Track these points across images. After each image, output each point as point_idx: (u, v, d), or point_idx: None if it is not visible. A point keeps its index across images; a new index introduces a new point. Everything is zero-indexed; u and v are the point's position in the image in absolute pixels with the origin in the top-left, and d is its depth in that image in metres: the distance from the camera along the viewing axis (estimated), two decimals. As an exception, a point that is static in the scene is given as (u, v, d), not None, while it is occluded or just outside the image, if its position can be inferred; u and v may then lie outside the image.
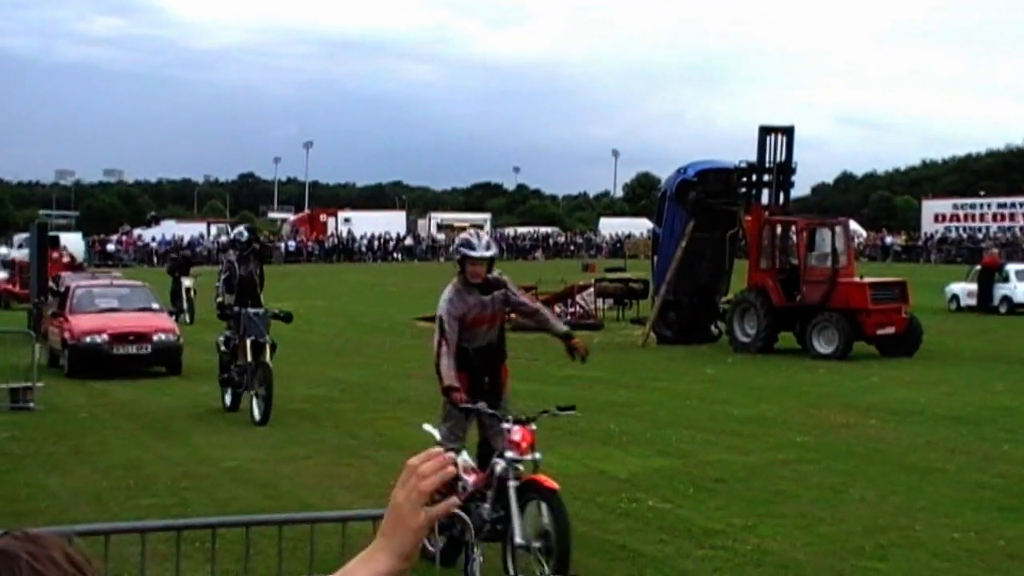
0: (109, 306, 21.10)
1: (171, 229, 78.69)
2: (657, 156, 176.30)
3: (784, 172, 25.02)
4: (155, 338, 20.16)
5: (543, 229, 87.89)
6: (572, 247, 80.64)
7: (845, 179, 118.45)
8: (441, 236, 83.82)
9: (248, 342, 15.00)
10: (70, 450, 13.12)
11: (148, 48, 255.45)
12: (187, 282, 30.94)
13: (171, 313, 24.80)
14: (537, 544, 7.59)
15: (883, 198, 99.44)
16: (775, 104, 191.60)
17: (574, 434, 13.20)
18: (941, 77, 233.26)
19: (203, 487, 11.23)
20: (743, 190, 25.34)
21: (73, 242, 47.29)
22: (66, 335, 20.09)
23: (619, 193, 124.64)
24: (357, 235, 78.43)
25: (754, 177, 25.11)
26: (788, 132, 25.15)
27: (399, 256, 76.36)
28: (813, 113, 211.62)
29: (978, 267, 36.09)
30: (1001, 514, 9.88)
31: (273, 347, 15.22)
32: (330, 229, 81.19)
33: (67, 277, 24.28)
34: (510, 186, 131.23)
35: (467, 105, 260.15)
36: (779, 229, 24.50)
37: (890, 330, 22.64)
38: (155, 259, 68.54)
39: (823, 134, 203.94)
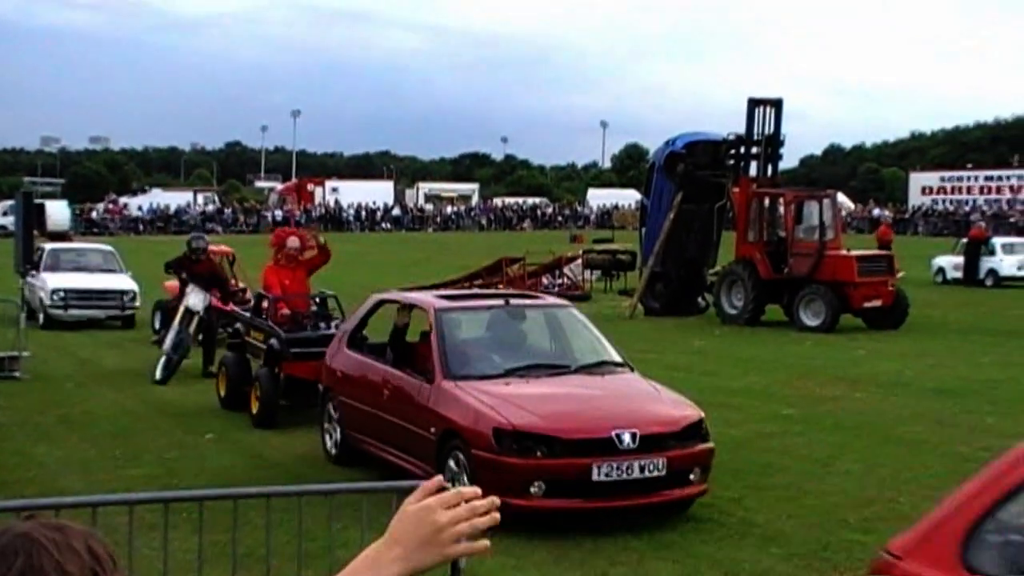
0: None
1: (158, 198, 78.27)
2: (646, 127, 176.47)
3: (772, 144, 25.02)
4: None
5: (531, 200, 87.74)
6: (560, 218, 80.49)
7: (833, 151, 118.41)
8: (429, 206, 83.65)
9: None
10: (57, 419, 13.10)
11: (132, 12, 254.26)
12: (191, 299, 16.14)
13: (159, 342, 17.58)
14: None
15: (871, 170, 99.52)
16: (764, 75, 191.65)
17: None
18: (931, 49, 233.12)
19: (191, 456, 11.25)
20: (731, 162, 25.34)
21: (58, 209, 46.93)
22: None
23: (607, 164, 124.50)
24: (344, 205, 78.20)
25: (742, 149, 25.12)
26: (777, 104, 25.14)
27: (387, 226, 76.22)
28: (802, 84, 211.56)
29: (965, 240, 36.18)
30: (985, 487, 9.94)
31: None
32: (317, 198, 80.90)
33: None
34: (498, 156, 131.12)
35: (455, 74, 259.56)
36: (767, 201, 24.52)
37: (877, 303, 22.71)
38: (141, 227, 68.29)
39: (812, 105, 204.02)
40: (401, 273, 31.93)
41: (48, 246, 24.73)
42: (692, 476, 8.85)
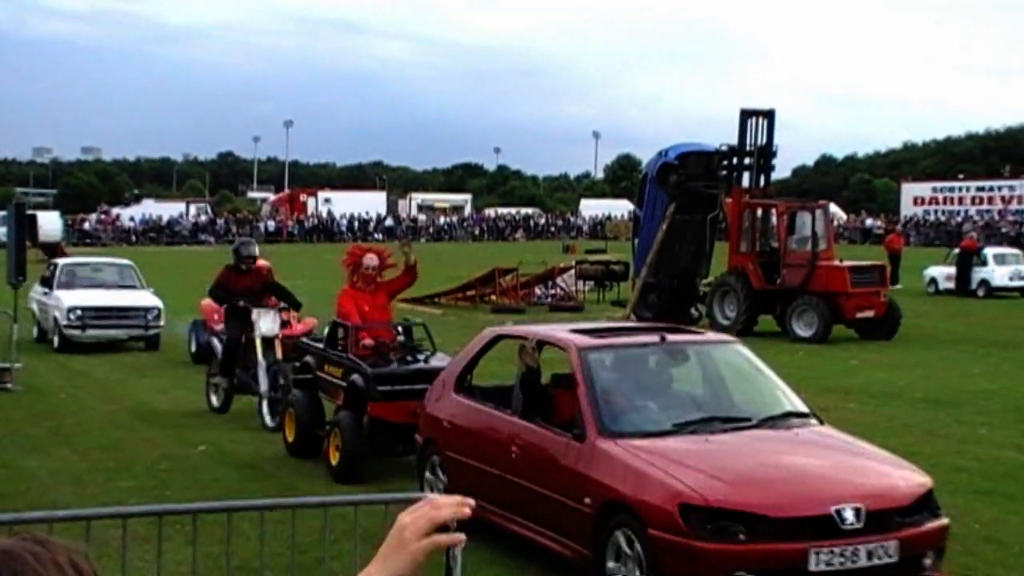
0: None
1: (150, 208, 78.20)
2: (638, 138, 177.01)
3: (765, 155, 25.06)
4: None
5: (524, 210, 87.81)
6: (553, 228, 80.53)
7: (825, 161, 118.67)
8: (422, 217, 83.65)
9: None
10: (49, 431, 13.06)
11: (124, 23, 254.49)
12: (265, 325, 13.73)
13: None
14: None
15: (863, 181, 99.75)
16: (756, 86, 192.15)
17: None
18: (923, 58, 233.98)
19: (183, 468, 11.21)
20: (724, 173, 25.37)
21: (50, 220, 46.86)
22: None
23: (600, 174, 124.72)
24: (337, 215, 78.18)
25: (735, 160, 25.16)
26: (769, 115, 25.19)
27: (380, 236, 76.17)
28: (795, 94, 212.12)
29: (957, 250, 36.26)
30: (977, 497, 9.98)
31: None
32: (310, 209, 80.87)
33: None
34: (491, 167, 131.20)
35: (448, 84, 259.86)
36: (759, 212, 24.57)
37: (869, 313, 22.74)
38: (133, 238, 68.18)
39: (804, 116, 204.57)
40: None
41: (62, 261, 23.46)
42: (927, 561, 7.15)
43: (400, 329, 12.06)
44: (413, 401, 9.99)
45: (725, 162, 25.32)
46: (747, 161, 25.05)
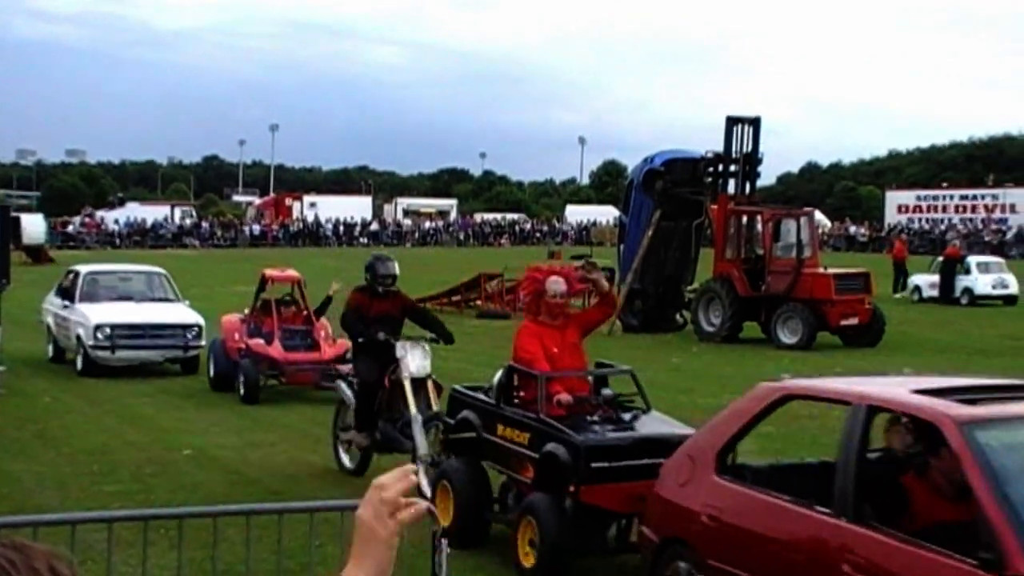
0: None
1: (134, 211, 77.95)
2: (624, 144, 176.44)
3: (751, 162, 25.16)
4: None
5: (509, 216, 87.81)
6: (538, 234, 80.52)
7: (810, 169, 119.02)
8: (407, 222, 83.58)
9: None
10: (34, 435, 13.02)
11: (110, 26, 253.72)
12: (414, 363, 10.56)
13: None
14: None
15: (847, 188, 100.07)
16: (742, 93, 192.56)
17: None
18: (909, 67, 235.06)
19: (169, 473, 11.19)
20: (710, 180, 25.47)
21: (34, 223, 46.64)
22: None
23: (586, 180, 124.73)
24: (323, 219, 78.11)
25: (721, 167, 25.26)
26: (755, 123, 25.28)
27: (365, 241, 76.11)
28: (780, 102, 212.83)
29: (940, 259, 36.42)
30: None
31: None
32: (295, 213, 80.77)
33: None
34: (476, 172, 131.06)
35: (434, 89, 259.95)
36: (745, 219, 24.65)
37: (854, 321, 22.83)
38: (118, 241, 67.95)
39: (789, 123, 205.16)
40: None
41: (84, 269, 19.76)
42: None
43: (591, 379, 9.08)
44: (638, 482, 7.47)
45: (711, 169, 25.42)
46: (732, 168, 25.14)
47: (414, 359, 10.44)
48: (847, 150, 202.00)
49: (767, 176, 73.14)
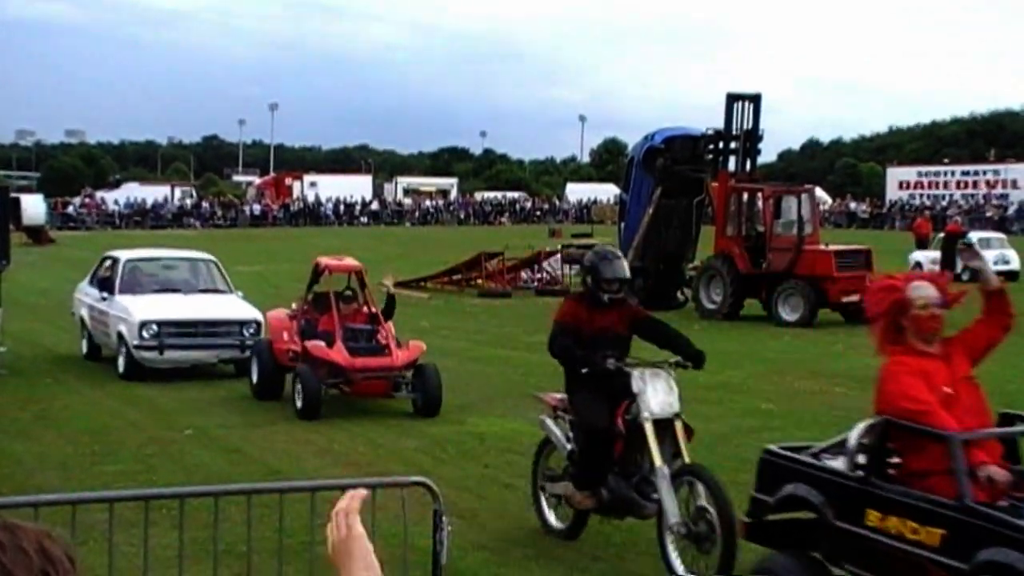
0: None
1: (134, 192, 77.83)
2: (624, 122, 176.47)
3: (751, 139, 25.11)
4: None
5: (510, 194, 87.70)
6: (539, 212, 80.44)
7: (811, 146, 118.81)
8: (407, 201, 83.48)
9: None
10: (35, 415, 13.02)
11: (109, 5, 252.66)
12: (657, 400, 8.14)
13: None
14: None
15: (848, 165, 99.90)
16: (742, 69, 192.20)
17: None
18: (910, 43, 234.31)
19: (170, 453, 11.20)
20: (710, 157, 25.44)
21: (34, 204, 46.54)
22: None
23: (586, 158, 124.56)
24: (323, 199, 78.01)
25: (721, 144, 25.22)
26: (755, 100, 25.21)
27: (365, 220, 76.03)
28: (781, 78, 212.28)
29: (942, 235, 36.38)
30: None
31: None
32: (295, 193, 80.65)
33: None
34: (477, 150, 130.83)
35: (434, 68, 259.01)
36: (745, 196, 24.61)
37: (855, 297, 22.76)
38: (118, 221, 67.87)
39: (790, 100, 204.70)
40: (381, 268, 31.80)
41: (123, 256, 17.32)
42: None
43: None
44: None
45: (711, 146, 25.38)
46: (733, 145, 25.10)
47: (656, 393, 8.10)
48: (848, 127, 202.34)
49: (768, 153, 73.18)
